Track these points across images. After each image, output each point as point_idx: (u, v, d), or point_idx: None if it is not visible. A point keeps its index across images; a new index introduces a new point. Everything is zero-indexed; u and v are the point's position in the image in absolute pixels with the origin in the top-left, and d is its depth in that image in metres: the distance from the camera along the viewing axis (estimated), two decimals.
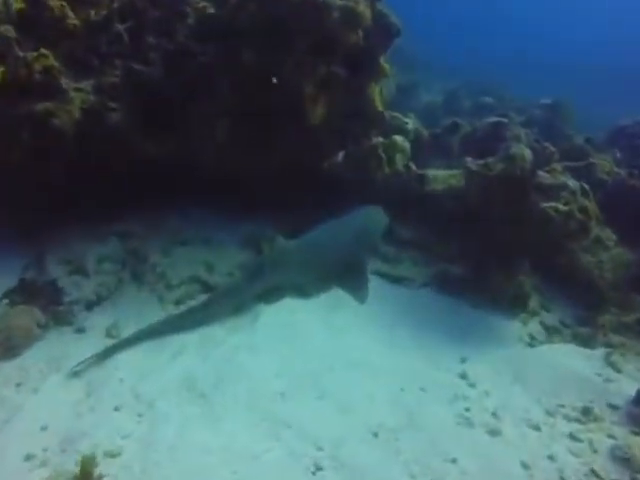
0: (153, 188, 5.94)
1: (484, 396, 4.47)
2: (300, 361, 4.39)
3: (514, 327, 5.60)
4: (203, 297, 4.99)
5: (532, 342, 5.49)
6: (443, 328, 5.27)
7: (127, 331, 4.51)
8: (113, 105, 5.21)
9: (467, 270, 5.93)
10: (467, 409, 4.25)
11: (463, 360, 4.89)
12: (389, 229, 6.20)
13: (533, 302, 5.99)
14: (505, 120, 7.23)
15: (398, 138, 6.12)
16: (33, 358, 4.09)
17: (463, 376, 4.66)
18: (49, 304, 4.55)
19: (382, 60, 5.11)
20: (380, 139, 6.08)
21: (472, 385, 4.58)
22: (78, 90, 4.97)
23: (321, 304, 5.40)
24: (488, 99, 11.12)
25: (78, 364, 4.01)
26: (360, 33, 4.60)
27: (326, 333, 4.84)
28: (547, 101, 10.23)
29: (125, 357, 4.27)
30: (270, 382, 4.10)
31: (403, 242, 6.24)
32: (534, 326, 5.79)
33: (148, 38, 5.43)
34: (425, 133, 7.15)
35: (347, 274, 5.68)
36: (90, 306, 4.86)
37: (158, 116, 5.50)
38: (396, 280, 5.94)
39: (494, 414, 4.26)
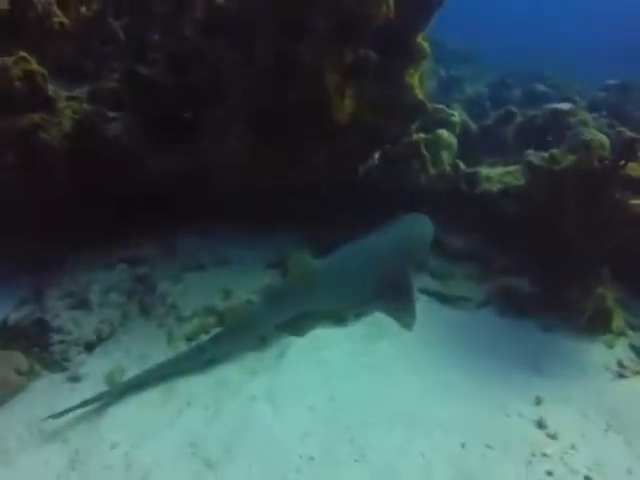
0: (166, 208, 5.29)
1: (570, 452, 3.49)
2: (334, 414, 3.54)
3: (597, 352, 4.55)
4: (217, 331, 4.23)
5: (622, 371, 4.42)
6: (509, 359, 4.30)
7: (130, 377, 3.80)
8: (112, 114, 4.57)
9: (534, 285, 4.93)
10: (549, 473, 3.29)
11: (538, 401, 3.90)
12: (436, 239, 5.29)
13: (617, 320, 4.90)
14: (569, 104, 6.17)
15: (443, 132, 5.22)
16: (10, 418, 3.43)
17: (540, 424, 3.68)
18: (36, 347, 3.90)
19: (420, 38, 4.24)
20: (422, 135, 5.19)
21: (553, 436, 3.59)
22: (70, 99, 4.36)
23: (359, 334, 4.54)
24: (540, 86, 9.96)
25: (60, 413, 3.33)
26: (391, 3, 3.75)
27: (366, 374, 3.98)
28: (614, 81, 8.94)
29: (122, 412, 3.55)
30: (295, 444, 3.28)
31: (454, 254, 5.30)
32: (622, 350, 4.71)
33: (149, 35, 4.76)
34: (473, 126, 6.19)
35: (390, 295, 4.80)
36: (90, 347, 4.19)
37: (165, 125, 4.83)
38: (448, 300, 5.01)
39: (587, 479, 3.28)
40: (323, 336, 4.44)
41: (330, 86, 3.92)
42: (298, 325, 4.46)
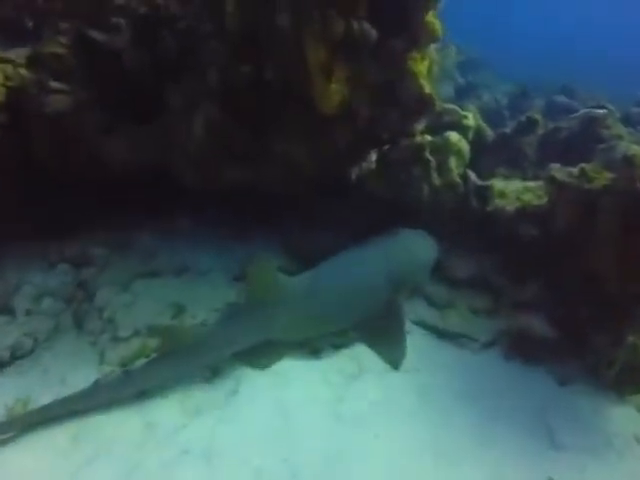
0: (122, 199, 4.52)
1: None
2: None
3: (627, 418, 3.68)
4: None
5: None
6: (516, 419, 3.45)
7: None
8: (57, 85, 3.80)
9: (552, 325, 4.07)
10: None
11: None
12: (438, 262, 4.47)
13: None
14: (602, 111, 5.33)
15: (454, 135, 4.40)
16: None
17: None
18: None
19: (431, 16, 3.44)
20: (428, 137, 4.38)
21: None
22: (3, 61, 3.59)
23: (335, 370, 3.74)
24: (564, 98, 9.15)
25: None
26: None
27: (338, 427, 3.16)
28: None
29: (14, 458, 2.76)
30: None
31: (458, 281, 4.47)
32: None
33: None
34: (490, 132, 5.37)
35: (376, 325, 3.98)
36: (1, 365, 3.42)
37: (123, 103, 4.07)
38: (447, 336, 4.18)
39: None
40: (289, 370, 3.64)
41: (313, 63, 3.12)
42: (259, 355, 3.65)
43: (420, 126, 4.50)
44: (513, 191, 4.47)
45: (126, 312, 3.75)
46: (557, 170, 4.08)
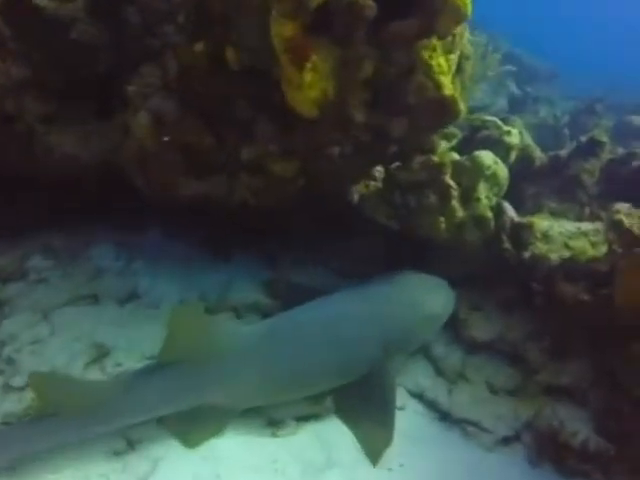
0: (87, 204, 3.79)
1: None
2: None
3: None
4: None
5: None
6: None
7: None
8: None
9: (595, 420, 2.97)
10: None
11: None
12: (453, 317, 3.46)
13: None
14: None
15: (486, 156, 3.36)
16: None
17: None
18: None
19: None
20: (453, 155, 3.37)
21: None
22: None
23: (293, 456, 2.80)
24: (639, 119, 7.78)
25: None
26: None
27: None
28: None
29: None
30: None
31: (476, 345, 3.42)
32: None
33: None
34: (539, 154, 4.27)
35: (356, 401, 3.02)
36: None
37: (74, 88, 3.29)
38: (451, 419, 3.15)
39: None
40: (227, 455, 2.72)
41: (277, 42, 2.20)
42: (193, 424, 2.75)
43: (444, 142, 3.51)
44: (561, 234, 3.38)
45: (33, 351, 2.93)
46: (626, 213, 2.99)
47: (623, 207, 3.01)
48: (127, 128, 3.17)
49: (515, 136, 3.85)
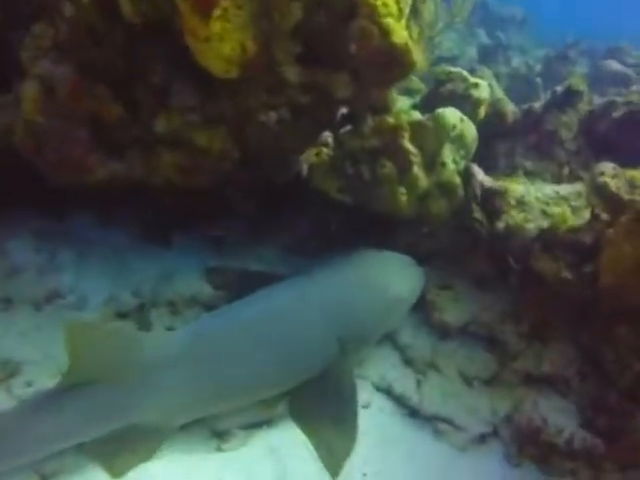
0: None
1: None
2: None
3: None
4: None
5: None
6: None
7: None
8: None
9: (583, 412, 2.64)
10: None
11: None
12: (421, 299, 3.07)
13: None
14: None
15: (450, 113, 2.88)
16: None
17: None
18: None
19: None
20: (414, 114, 2.90)
21: None
22: None
23: (244, 471, 2.44)
24: (616, 64, 7.33)
25: None
26: None
27: None
28: None
29: None
30: None
31: (447, 330, 3.04)
32: None
33: None
34: (512, 108, 3.81)
35: (310, 400, 2.64)
36: None
37: None
38: (421, 416, 2.80)
39: None
40: (164, 475, 2.35)
41: None
42: (115, 450, 2.34)
43: (406, 98, 3.02)
44: (538, 200, 2.96)
45: None
46: (610, 173, 2.58)
47: (607, 167, 2.62)
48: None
49: (484, 89, 3.38)
